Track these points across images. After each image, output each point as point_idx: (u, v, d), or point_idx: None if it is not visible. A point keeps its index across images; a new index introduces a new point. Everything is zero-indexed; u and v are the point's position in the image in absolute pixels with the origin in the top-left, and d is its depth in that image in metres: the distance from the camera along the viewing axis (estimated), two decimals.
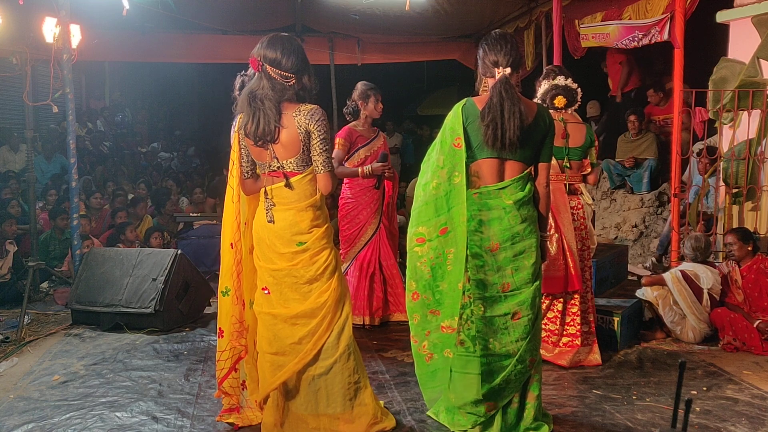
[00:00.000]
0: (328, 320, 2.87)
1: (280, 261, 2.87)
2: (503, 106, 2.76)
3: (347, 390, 2.91)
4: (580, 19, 6.80)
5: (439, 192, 2.86)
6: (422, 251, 2.90)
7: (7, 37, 5.87)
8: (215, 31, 9.39)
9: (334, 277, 2.89)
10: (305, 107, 2.79)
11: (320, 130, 2.77)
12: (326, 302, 2.87)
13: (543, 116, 2.90)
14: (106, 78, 13.10)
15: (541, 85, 4.07)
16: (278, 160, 2.82)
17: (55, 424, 3.19)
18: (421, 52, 10.50)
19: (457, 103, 2.91)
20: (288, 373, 2.89)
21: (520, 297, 2.87)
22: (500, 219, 2.85)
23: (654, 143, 7.10)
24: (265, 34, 2.88)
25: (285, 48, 2.78)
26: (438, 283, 2.89)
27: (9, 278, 5.71)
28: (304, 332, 2.87)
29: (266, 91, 2.77)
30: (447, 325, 2.90)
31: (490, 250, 2.85)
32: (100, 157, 10.18)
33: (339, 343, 2.89)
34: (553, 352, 3.97)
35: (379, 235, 4.83)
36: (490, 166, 2.86)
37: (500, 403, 2.93)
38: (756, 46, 5.00)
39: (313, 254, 2.86)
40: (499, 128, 2.76)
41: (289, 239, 2.86)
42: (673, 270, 4.57)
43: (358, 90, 4.82)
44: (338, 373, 2.89)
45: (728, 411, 3.31)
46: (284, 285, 2.89)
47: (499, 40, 2.88)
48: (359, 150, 4.77)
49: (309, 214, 2.86)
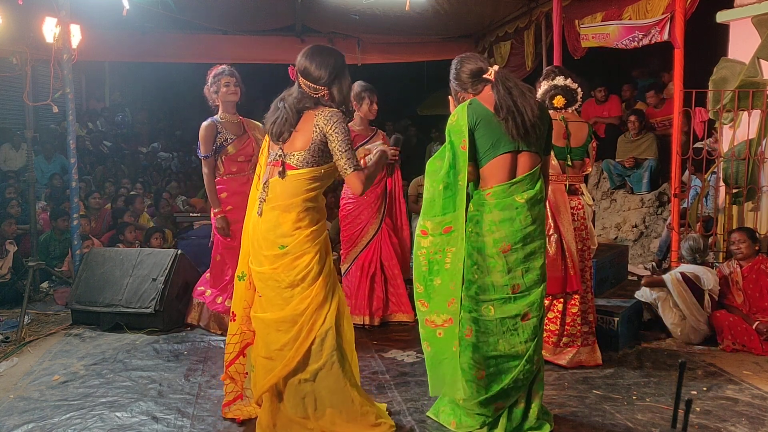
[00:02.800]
0: (309, 327, 2.87)
1: (265, 263, 2.90)
2: (512, 94, 2.82)
3: (334, 396, 2.90)
4: (580, 20, 6.80)
5: (448, 192, 2.88)
6: (423, 243, 2.94)
7: (7, 37, 5.87)
8: (215, 31, 9.40)
9: (316, 284, 2.87)
10: (326, 110, 2.83)
11: (338, 132, 2.79)
12: (307, 309, 2.86)
13: (543, 108, 2.98)
14: (106, 78, 13.11)
15: (541, 86, 4.08)
16: (282, 151, 2.86)
17: (55, 424, 3.19)
18: (421, 52, 10.51)
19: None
20: (275, 378, 2.91)
21: (530, 298, 2.89)
22: (512, 220, 2.86)
23: (654, 143, 7.11)
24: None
25: (316, 59, 2.84)
26: (432, 278, 2.92)
27: (9, 278, 5.71)
28: (286, 339, 2.88)
29: (292, 98, 2.86)
30: (431, 320, 2.92)
31: (501, 251, 2.86)
32: (100, 157, 10.19)
33: (323, 350, 2.88)
34: (554, 352, 3.97)
35: (381, 235, 4.83)
36: (503, 163, 2.87)
37: (507, 403, 2.95)
38: (756, 46, 5.00)
39: (294, 258, 2.85)
40: (518, 115, 2.81)
41: (272, 241, 2.87)
42: (673, 271, 4.57)
43: (353, 90, 4.80)
44: (323, 379, 2.89)
45: (728, 411, 3.31)
46: (269, 288, 2.90)
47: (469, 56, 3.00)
48: (357, 149, 4.75)
49: (292, 216, 2.85)
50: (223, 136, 4.45)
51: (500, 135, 2.84)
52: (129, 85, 13.28)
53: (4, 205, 6.81)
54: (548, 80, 4.03)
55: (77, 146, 5.86)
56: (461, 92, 3.03)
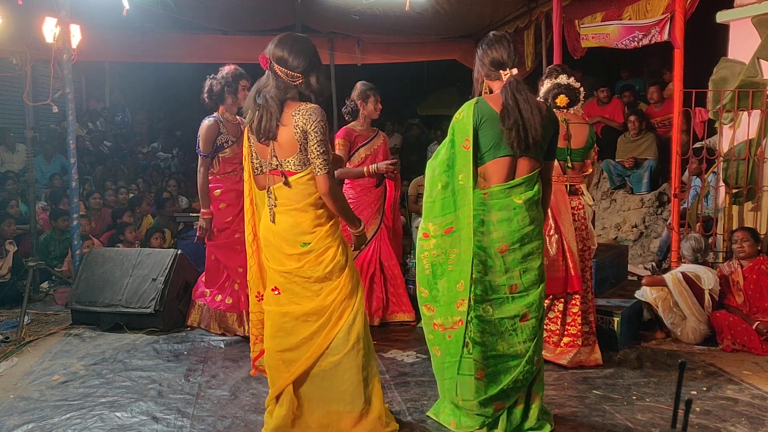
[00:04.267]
0: (338, 314, 2.87)
1: (289, 262, 2.88)
2: (520, 108, 2.78)
3: (356, 387, 2.90)
4: (580, 19, 6.80)
5: (447, 192, 2.88)
6: (426, 246, 2.95)
7: (7, 37, 5.87)
8: (215, 31, 9.39)
9: (343, 274, 2.88)
10: (305, 106, 2.78)
11: (317, 131, 2.75)
12: (336, 299, 2.87)
13: (551, 114, 2.95)
14: (106, 78, 13.10)
15: (543, 85, 4.07)
16: (277, 159, 2.82)
17: (55, 424, 3.19)
18: (421, 52, 10.50)
19: (459, 102, 2.91)
20: (302, 367, 2.89)
21: (528, 299, 2.88)
22: (509, 220, 2.85)
23: (654, 143, 7.11)
24: (265, 35, 2.89)
25: (294, 47, 2.79)
26: (436, 281, 2.93)
27: (9, 278, 5.71)
28: (315, 327, 2.87)
29: (271, 89, 2.78)
30: (439, 323, 2.94)
31: (499, 252, 2.86)
32: (100, 157, 10.18)
33: (349, 338, 2.88)
34: (554, 352, 3.97)
35: (381, 235, 4.83)
36: (503, 165, 2.86)
37: (507, 403, 2.94)
38: (756, 46, 4.99)
39: (318, 254, 2.85)
40: (522, 130, 2.78)
41: (293, 240, 2.86)
42: (674, 271, 4.57)
43: (357, 90, 4.81)
44: (347, 369, 2.88)
45: (728, 411, 3.31)
46: (295, 284, 2.89)
47: (500, 41, 2.89)
48: (359, 149, 4.76)
49: (310, 214, 2.85)
50: (224, 137, 4.46)
51: (502, 138, 2.83)
52: (129, 85, 13.27)
53: (4, 205, 6.80)
54: (551, 79, 4.03)
55: (77, 146, 5.86)
56: (481, 77, 2.99)
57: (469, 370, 2.92)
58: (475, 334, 2.90)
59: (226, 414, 3.31)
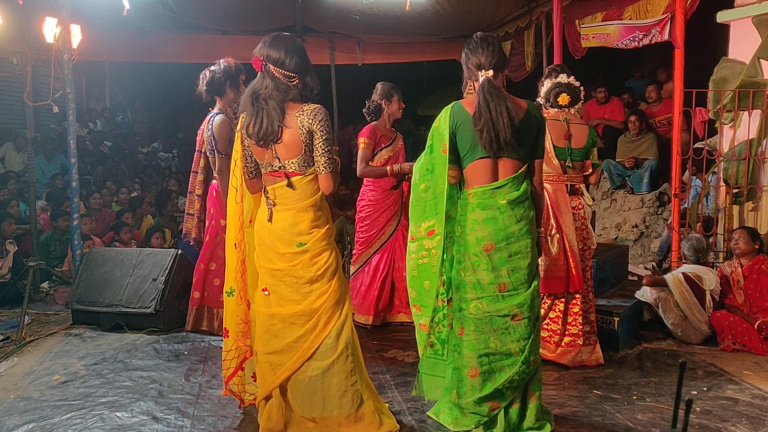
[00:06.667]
0: (325, 319, 2.87)
1: (280, 261, 2.87)
2: (490, 108, 2.78)
3: (344, 393, 2.89)
4: (580, 19, 6.80)
5: (428, 195, 2.95)
6: (412, 247, 3.01)
7: (7, 37, 5.87)
8: (215, 31, 9.40)
9: (334, 279, 2.89)
10: (308, 107, 2.78)
11: (323, 130, 2.76)
12: (325, 303, 2.86)
13: (533, 113, 2.92)
14: (106, 78, 13.09)
15: (543, 84, 4.07)
16: (280, 160, 2.81)
17: (56, 424, 3.19)
18: (421, 52, 10.52)
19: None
20: (288, 371, 2.89)
21: (518, 299, 2.88)
22: (494, 219, 2.86)
23: (654, 143, 7.11)
24: (266, 35, 2.88)
25: (288, 47, 2.79)
26: (422, 282, 2.98)
27: (9, 278, 5.71)
28: (302, 331, 2.87)
29: (270, 91, 2.76)
30: (423, 323, 3.01)
31: (484, 250, 2.87)
32: (101, 157, 10.18)
33: (337, 344, 2.88)
34: (555, 351, 3.97)
35: (395, 237, 4.81)
36: (484, 166, 2.87)
37: (503, 403, 2.94)
38: (756, 46, 4.99)
39: (313, 255, 2.85)
40: (492, 131, 2.78)
41: (289, 240, 2.85)
42: (675, 271, 4.57)
43: (380, 90, 4.76)
44: (335, 374, 2.88)
45: (728, 411, 3.31)
46: (284, 284, 2.88)
47: (480, 43, 2.93)
48: (382, 150, 4.71)
49: (309, 215, 2.85)
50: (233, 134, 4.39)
51: (477, 141, 2.85)
52: (129, 85, 13.27)
53: (4, 205, 6.81)
54: (551, 78, 4.04)
55: (77, 146, 5.86)
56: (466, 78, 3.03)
57: (429, 369, 3.06)
58: (464, 334, 2.91)
59: (226, 414, 3.31)
